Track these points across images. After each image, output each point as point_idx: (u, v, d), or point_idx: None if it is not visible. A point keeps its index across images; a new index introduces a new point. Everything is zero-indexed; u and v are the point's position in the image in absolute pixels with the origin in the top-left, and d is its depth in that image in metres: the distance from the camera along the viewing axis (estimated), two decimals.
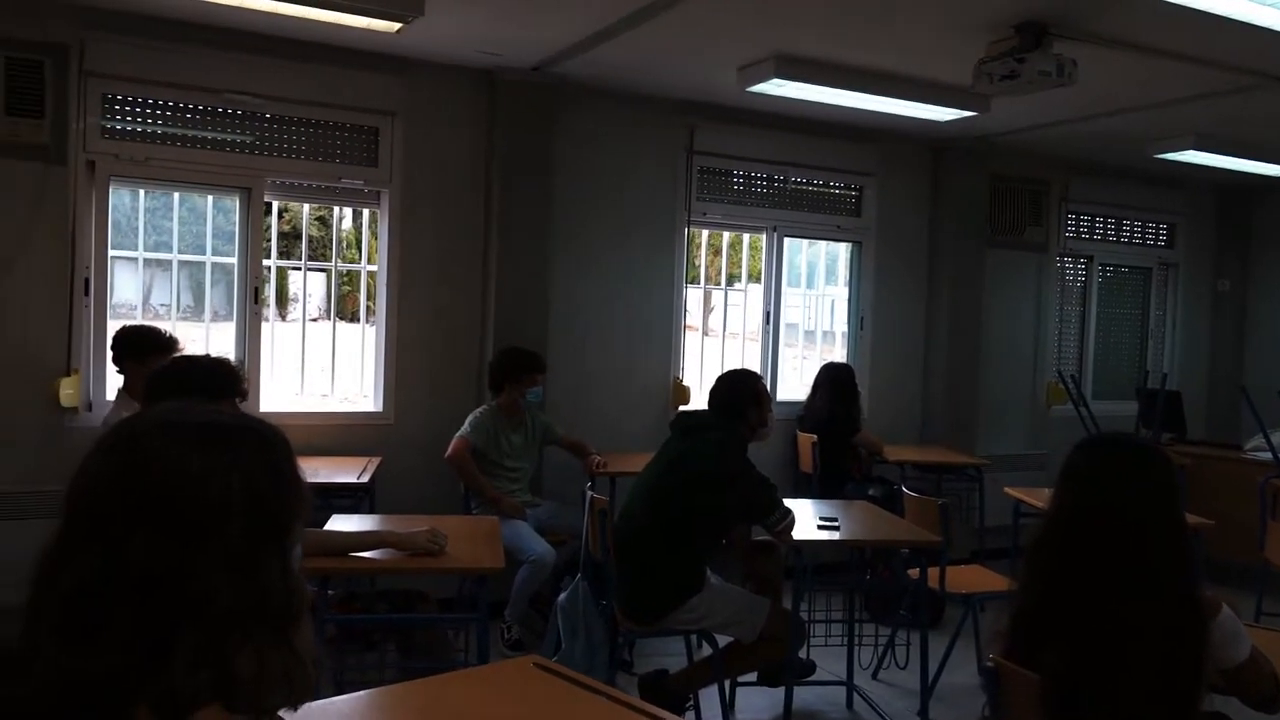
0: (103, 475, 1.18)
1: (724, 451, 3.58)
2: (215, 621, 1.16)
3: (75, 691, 1.10)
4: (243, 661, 1.19)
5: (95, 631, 1.12)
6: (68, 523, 1.18)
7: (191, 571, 1.15)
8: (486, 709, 1.92)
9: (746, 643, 3.62)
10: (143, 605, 1.13)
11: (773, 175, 6.16)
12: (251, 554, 1.20)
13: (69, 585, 1.14)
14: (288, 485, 1.26)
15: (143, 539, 1.14)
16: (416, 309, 5.20)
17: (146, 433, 1.21)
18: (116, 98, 4.53)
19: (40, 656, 1.12)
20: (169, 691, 1.11)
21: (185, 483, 1.17)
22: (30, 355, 4.39)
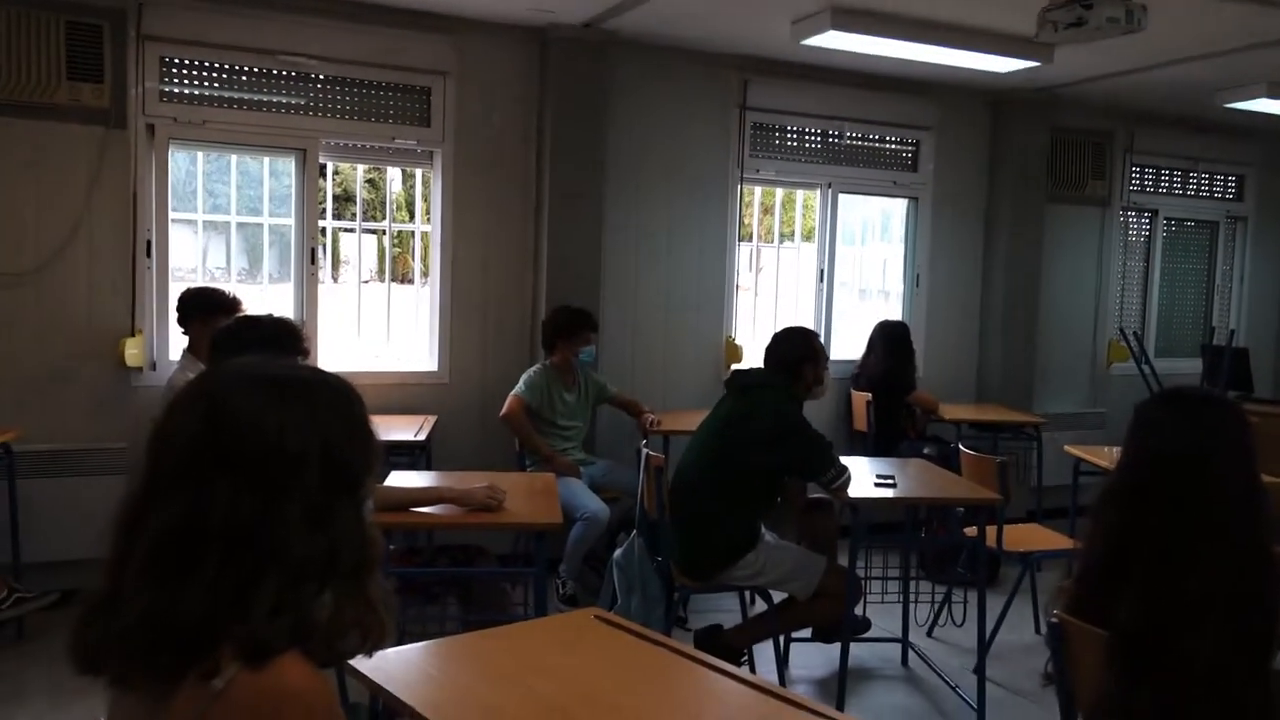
0: (186, 427, 1.21)
1: (780, 409, 3.57)
2: (293, 569, 1.19)
3: (164, 630, 1.14)
4: (319, 609, 1.22)
5: (181, 575, 1.15)
6: (151, 472, 1.22)
7: (271, 521, 1.18)
8: (552, 659, 1.95)
9: (802, 599, 3.63)
10: (225, 551, 1.16)
11: (827, 130, 6.06)
12: (327, 505, 1.23)
13: (155, 531, 1.17)
14: (361, 439, 1.29)
15: (224, 489, 1.17)
16: (469, 269, 5.22)
17: (227, 386, 1.23)
18: (174, 61, 4.58)
19: (129, 598, 1.16)
20: (252, 635, 1.14)
21: (264, 435, 1.20)
22: (96, 317, 4.50)
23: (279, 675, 1.14)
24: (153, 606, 1.15)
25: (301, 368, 1.32)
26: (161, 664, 1.14)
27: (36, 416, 4.36)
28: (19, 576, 4.13)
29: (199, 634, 1.14)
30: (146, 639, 1.15)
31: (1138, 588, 1.81)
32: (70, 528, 4.35)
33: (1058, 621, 1.99)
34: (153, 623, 1.15)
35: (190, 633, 1.14)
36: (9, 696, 3.60)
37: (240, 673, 1.13)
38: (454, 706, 1.70)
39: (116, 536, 1.22)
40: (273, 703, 1.13)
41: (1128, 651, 1.81)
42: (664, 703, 1.83)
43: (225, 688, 1.12)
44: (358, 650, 1.28)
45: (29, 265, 4.37)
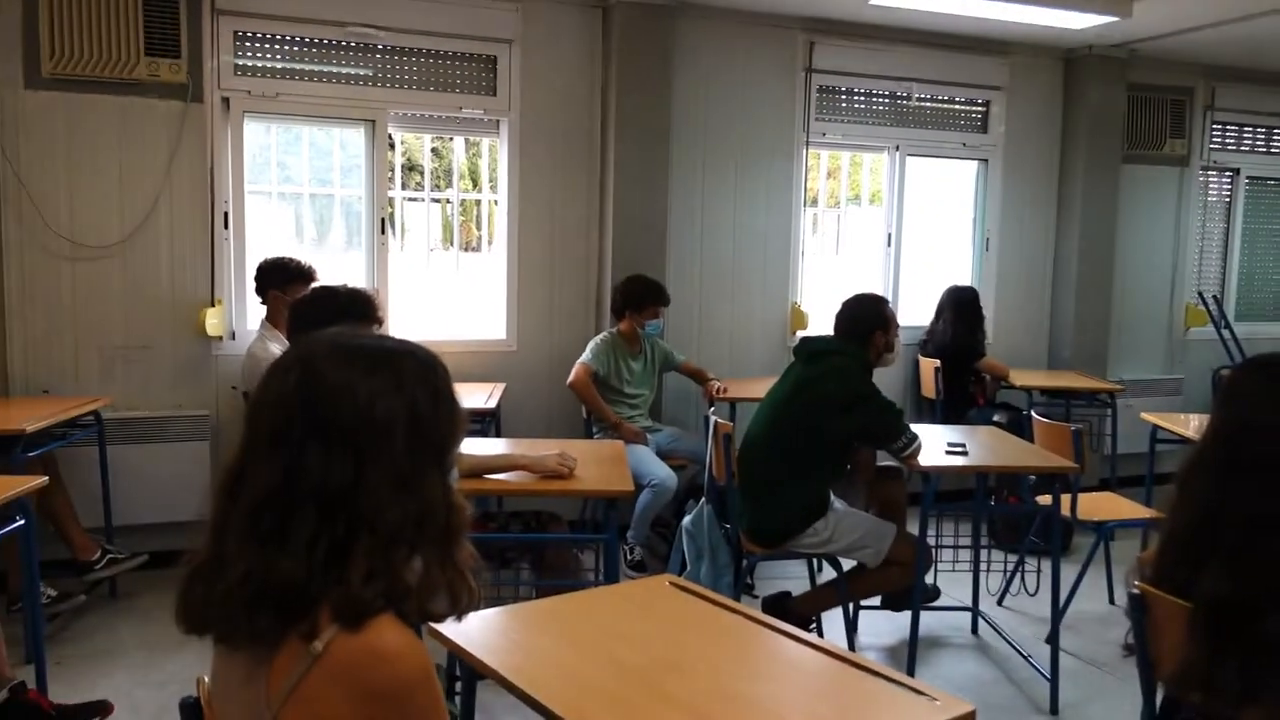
0: (281, 396, 1.25)
1: (849, 376, 3.55)
2: (384, 534, 1.23)
3: (263, 592, 1.19)
4: (409, 573, 1.26)
5: (278, 538, 1.20)
6: (249, 439, 1.27)
7: (362, 486, 1.22)
8: (629, 624, 1.98)
9: (872, 567, 3.62)
10: (319, 516, 1.20)
11: (895, 92, 5.95)
12: (415, 471, 1.26)
13: (254, 495, 1.22)
14: (446, 407, 1.32)
15: (317, 455, 1.21)
16: (536, 237, 5.25)
17: (319, 356, 1.27)
18: (247, 35, 4.65)
19: (230, 561, 1.21)
20: (349, 598, 1.18)
21: (354, 403, 1.24)
22: (177, 287, 4.63)
23: (376, 636, 1.18)
24: (253, 569, 1.20)
25: (389, 339, 1.35)
26: (262, 625, 1.19)
27: (123, 384, 4.52)
28: (110, 538, 4.30)
29: (297, 596, 1.19)
30: (247, 600, 1.19)
31: (1224, 559, 1.78)
32: (155, 492, 4.51)
33: (1139, 592, 1.96)
34: (253, 585, 1.19)
35: (288, 595, 1.19)
36: (104, 654, 3.76)
37: (338, 634, 1.17)
38: (536, 670, 1.73)
39: (218, 500, 1.27)
40: (371, 663, 1.17)
41: (1213, 623, 1.78)
42: (741, 668, 1.86)
43: (324, 649, 1.16)
44: (448, 614, 1.32)
45: (114, 238, 4.50)
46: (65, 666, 3.56)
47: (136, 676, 3.56)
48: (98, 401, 4.23)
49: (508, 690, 1.70)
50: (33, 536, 3.01)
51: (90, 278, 4.49)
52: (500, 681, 1.71)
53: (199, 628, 1.26)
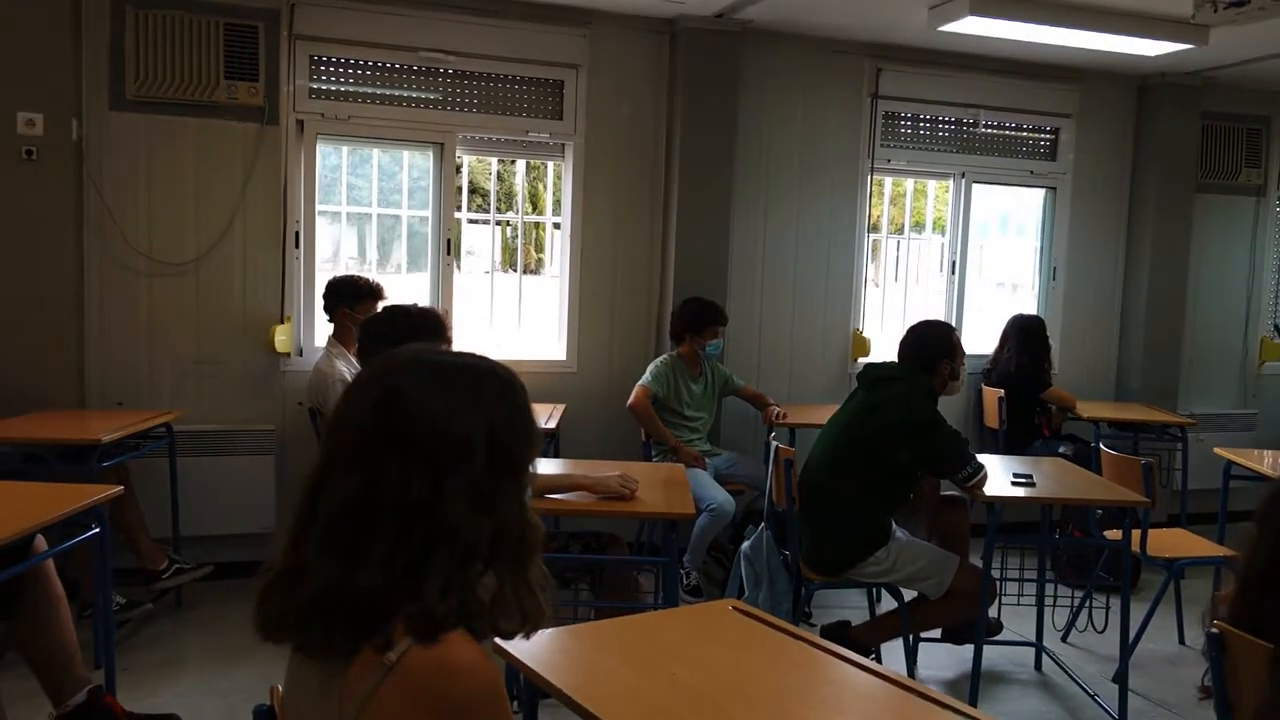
0: (361, 410, 1.27)
1: (914, 404, 3.51)
2: (460, 549, 1.24)
3: (340, 603, 1.20)
4: (483, 589, 1.27)
5: (356, 551, 1.21)
6: (330, 452, 1.28)
7: (440, 501, 1.23)
8: (692, 648, 1.97)
9: (934, 598, 3.57)
10: (397, 530, 1.21)
11: (961, 119, 5.91)
12: (492, 488, 1.27)
13: (333, 508, 1.24)
14: (524, 425, 1.33)
15: (396, 469, 1.23)
16: (598, 259, 5.29)
17: (400, 372, 1.29)
18: (322, 59, 4.77)
19: (309, 572, 1.23)
20: (424, 611, 1.19)
21: (434, 419, 1.25)
22: (249, 304, 4.74)
23: (449, 651, 1.19)
24: (330, 580, 1.21)
25: (469, 355, 1.36)
26: (338, 635, 1.20)
27: (194, 398, 4.62)
28: (177, 549, 4.39)
29: (373, 608, 1.20)
30: (324, 611, 1.21)
31: None
32: (221, 504, 4.60)
33: (1219, 632, 1.91)
34: (330, 596, 1.21)
35: (365, 607, 1.20)
36: (170, 662, 3.83)
37: (412, 648, 1.18)
38: (601, 690, 1.73)
39: (297, 512, 1.29)
40: (444, 677, 1.18)
41: None
42: (806, 695, 1.84)
43: (398, 661, 1.17)
44: (518, 631, 1.32)
45: (190, 255, 4.63)
46: (132, 673, 3.63)
47: (201, 685, 3.62)
48: (170, 414, 4.33)
49: (570, 709, 1.70)
50: (107, 545, 3.09)
51: (166, 294, 4.62)
52: (564, 701, 1.71)
53: (276, 636, 1.28)
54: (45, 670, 2.89)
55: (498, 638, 1.34)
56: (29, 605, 2.84)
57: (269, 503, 4.70)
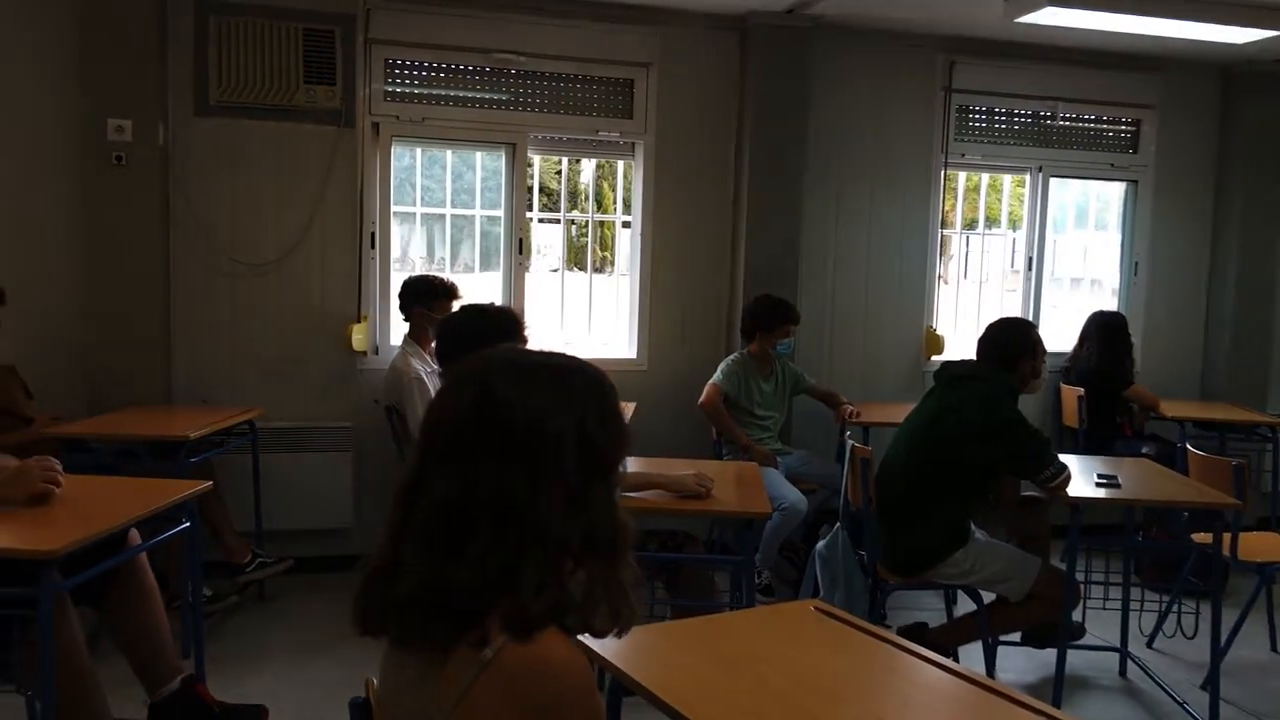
0: (456, 410, 1.29)
1: (994, 402, 3.44)
2: (553, 547, 1.25)
3: (438, 599, 1.22)
4: (575, 586, 1.28)
5: (453, 548, 1.23)
6: (425, 451, 1.30)
7: (534, 500, 1.24)
8: (776, 648, 1.96)
9: (1014, 600, 3.50)
10: (493, 527, 1.23)
11: (1038, 112, 5.78)
12: (583, 487, 1.28)
13: (430, 506, 1.25)
14: (614, 423, 1.33)
15: (490, 468, 1.24)
16: (668, 257, 5.29)
17: (492, 372, 1.30)
18: (397, 62, 4.85)
19: (407, 568, 1.24)
20: (520, 609, 1.20)
21: (526, 419, 1.26)
22: (326, 304, 4.83)
23: (544, 648, 1.20)
24: (428, 576, 1.23)
25: (559, 355, 1.38)
26: (435, 631, 1.22)
27: (274, 395, 4.71)
28: (260, 543, 4.49)
29: (469, 604, 1.21)
30: (423, 606, 1.23)
31: None
32: (301, 499, 4.70)
33: None
34: (428, 592, 1.23)
35: (462, 603, 1.22)
36: (254, 653, 3.92)
37: (507, 644, 1.19)
38: (686, 689, 1.73)
39: (394, 509, 1.31)
40: (538, 674, 1.19)
41: None
42: (890, 696, 1.82)
43: (494, 658, 1.19)
44: (609, 629, 1.32)
45: (271, 256, 4.74)
46: (216, 663, 3.72)
47: (283, 677, 3.70)
48: (252, 411, 4.43)
49: (657, 707, 1.70)
50: (197, 538, 3.17)
51: (247, 294, 4.73)
52: (650, 699, 1.71)
53: (374, 629, 1.30)
54: (139, 659, 2.98)
55: (590, 635, 1.34)
56: (124, 596, 2.93)
57: (346, 499, 4.79)
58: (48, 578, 2.39)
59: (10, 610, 2.45)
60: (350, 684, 1.55)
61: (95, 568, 2.67)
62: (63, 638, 2.55)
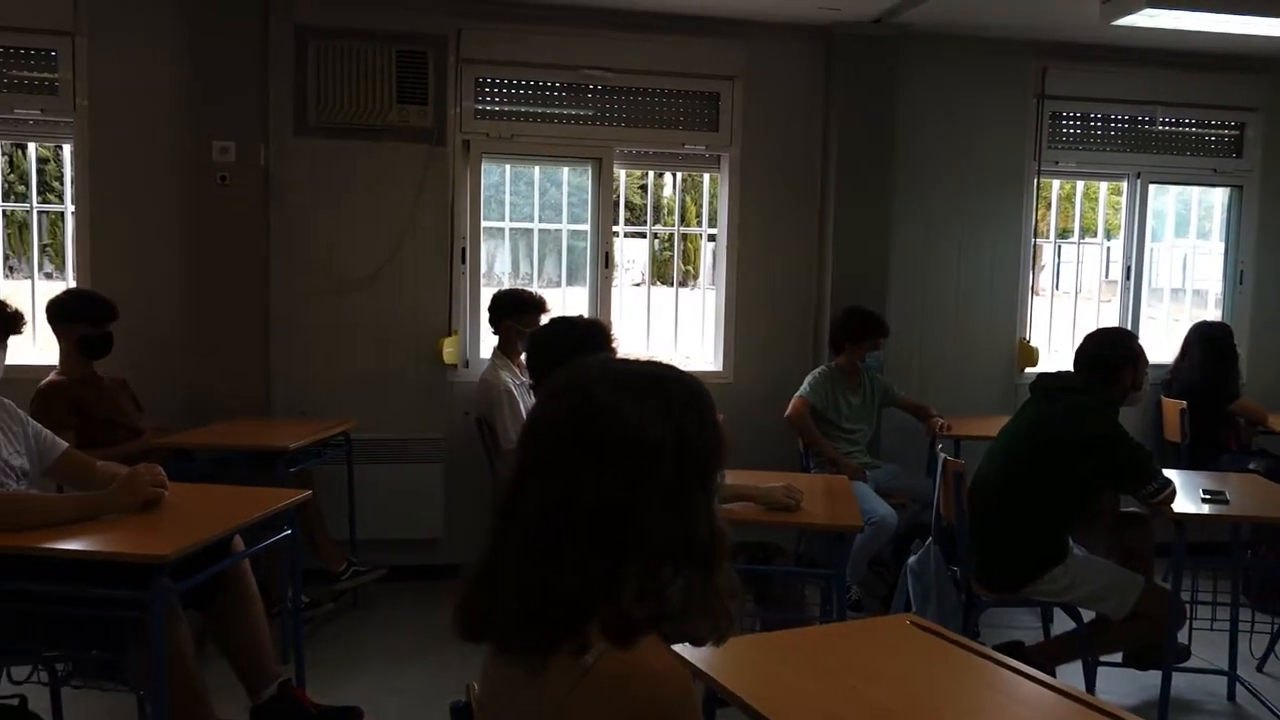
0: (556, 419, 1.30)
1: (1094, 415, 3.34)
2: (652, 555, 1.25)
3: (539, 606, 1.22)
4: (673, 594, 1.28)
5: (554, 555, 1.23)
6: (525, 459, 1.31)
7: (633, 508, 1.24)
8: (873, 662, 1.93)
9: (1115, 620, 3.39)
10: (595, 534, 1.23)
11: (1136, 117, 5.63)
12: (682, 495, 1.27)
13: (531, 513, 1.26)
14: (712, 432, 1.33)
15: (592, 476, 1.24)
16: (754, 269, 5.29)
17: (592, 382, 1.31)
18: (487, 81, 4.95)
19: (508, 575, 1.26)
20: (621, 616, 1.21)
21: (626, 428, 1.26)
22: (418, 318, 4.94)
23: (644, 655, 1.20)
24: (530, 583, 1.24)
25: (656, 365, 1.38)
26: (535, 636, 1.23)
27: (369, 408, 4.83)
28: (354, 551, 4.60)
29: (571, 611, 1.22)
30: (523, 612, 1.24)
31: None
32: (394, 510, 4.80)
33: None
34: (528, 597, 1.24)
35: (563, 609, 1.22)
36: (347, 661, 4.01)
37: (607, 651, 1.20)
38: (782, 702, 1.72)
39: (495, 517, 1.32)
40: (638, 681, 1.19)
41: None
42: (990, 713, 1.78)
43: (594, 664, 1.19)
44: (707, 638, 1.32)
45: (365, 272, 4.87)
46: (314, 669, 3.80)
47: (377, 682, 3.78)
48: (347, 423, 4.54)
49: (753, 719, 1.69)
50: (297, 546, 3.27)
51: (343, 309, 4.87)
52: (746, 710, 1.71)
53: (475, 636, 1.32)
54: (241, 663, 3.07)
55: (688, 644, 1.34)
56: (228, 602, 3.02)
57: (437, 509, 4.88)
58: (160, 581, 2.48)
59: (124, 613, 2.55)
60: (442, 690, 1.59)
61: (203, 573, 2.76)
62: (173, 640, 2.64)
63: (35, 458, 2.97)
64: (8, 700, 2.65)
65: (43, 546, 2.51)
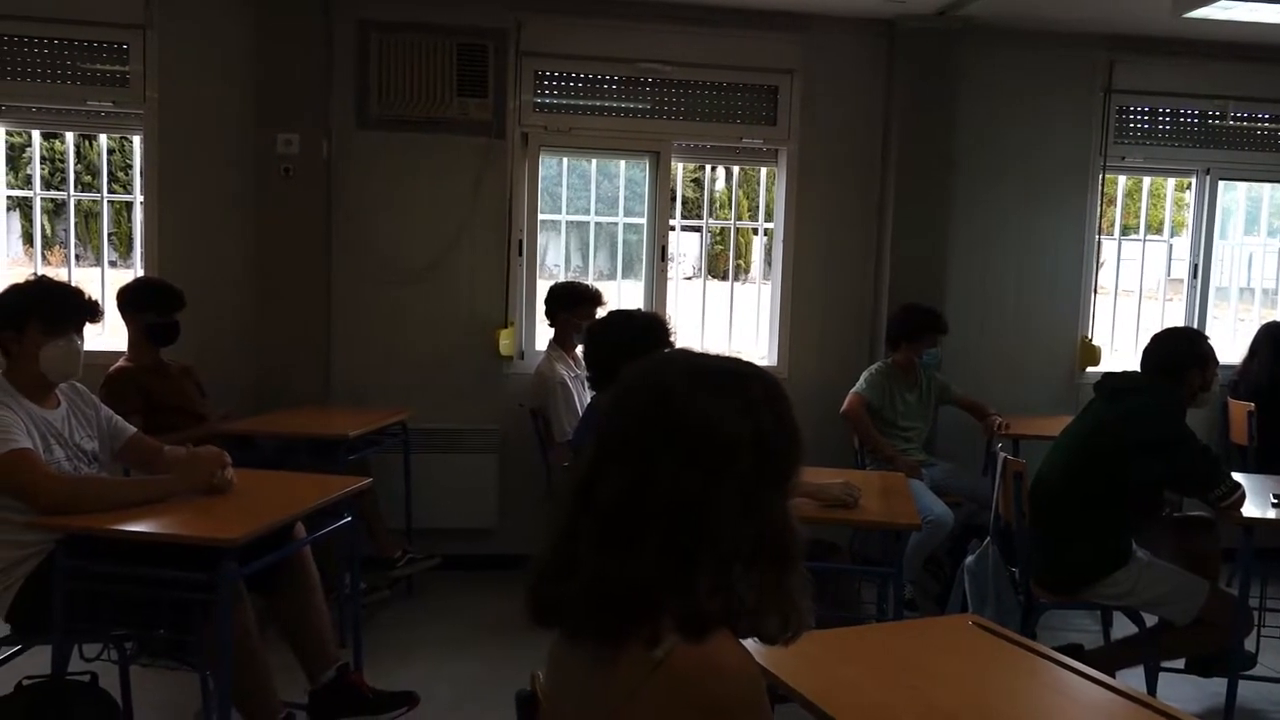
0: (632, 413, 1.29)
1: (1161, 416, 3.27)
2: (724, 551, 1.25)
3: (612, 594, 1.23)
4: (746, 591, 1.28)
5: (630, 546, 1.23)
6: (601, 450, 1.31)
7: (709, 502, 1.23)
8: (933, 660, 1.92)
9: (1179, 625, 3.32)
10: (669, 528, 1.23)
11: (1206, 111, 5.49)
12: (757, 492, 1.27)
13: (605, 505, 1.26)
14: (789, 430, 1.32)
15: (668, 470, 1.24)
16: (811, 264, 5.25)
17: (669, 376, 1.30)
18: (546, 74, 4.97)
19: (582, 563, 1.26)
20: (694, 609, 1.21)
21: (703, 423, 1.25)
22: (474, 310, 4.98)
23: (715, 650, 1.20)
24: (603, 572, 1.24)
25: (734, 360, 1.38)
26: (609, 625, 1.23)
27: (425, 398, 4.88)
28: (410, 539, 4.65)
29: (643, 601, 1.22)
30: (598, 599, 1.24)
31: None
32: (449, 499, 4.85)
33: None
34: (603, 587, 1.24)
35: (635, 599, 1.22)
36: (402, 647, 4.06)
37: (679, 645, 1.20)
38: (843, 698, 1.71)
39: (569, 506, 1.32)
40: (709, 675, 1.19)
41: None
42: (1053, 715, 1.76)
43: (665, 657, 1.19)
44: (778, 636, 1.31)
45: (423, 264, 4.92)
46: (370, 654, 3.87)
47: (431, 669, 3.83)
48: (404, 413, 4.59)
49: (814, 715, 1.69)
50: (357, 533, 3.31)
51: (401, 300, 4.92)
52: (807, 707, 1.70)
53: (547, 621, 1.32)
54: (302, 646, 3.12)
55: (759, 641, 1.33)
56: (290, 586, 3.08)
57: (491, 499, 4.92)
58: (227, 565, 2.53)
59: (192, 594, 2.61)
60: (494, 679, 1.60)
61: (267, 556, 2.81)
62: (238, 622, 2.70)
63: (106, 441, 3.05)
64: (79, 676, 2.73)
65: (118, 528, 2.58)
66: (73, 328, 2.89)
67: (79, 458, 2.92)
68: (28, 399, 2.83)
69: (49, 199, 5.59)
